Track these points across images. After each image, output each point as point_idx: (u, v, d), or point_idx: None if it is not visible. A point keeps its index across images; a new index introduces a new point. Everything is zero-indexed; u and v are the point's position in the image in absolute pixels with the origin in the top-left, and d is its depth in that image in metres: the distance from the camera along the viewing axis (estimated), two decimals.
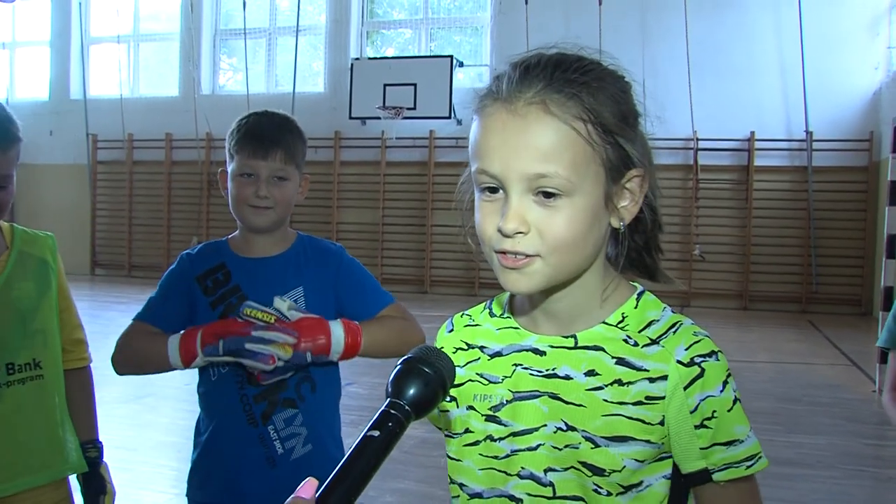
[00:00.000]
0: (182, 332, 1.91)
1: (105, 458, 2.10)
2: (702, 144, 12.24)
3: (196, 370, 2.00)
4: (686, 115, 11.97)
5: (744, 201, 12.32)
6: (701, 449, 1.07)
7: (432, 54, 13.76)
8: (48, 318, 1.94)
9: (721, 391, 1.07)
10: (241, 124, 2.06)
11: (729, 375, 1.08)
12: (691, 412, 1.06)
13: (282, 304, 1.88)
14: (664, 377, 1.07)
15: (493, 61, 13.35)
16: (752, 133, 12.09)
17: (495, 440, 1.14)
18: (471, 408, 1.17)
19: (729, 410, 1.07)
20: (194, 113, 14.09)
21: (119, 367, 2.01)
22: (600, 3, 12.12)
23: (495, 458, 1.13)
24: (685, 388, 1.06)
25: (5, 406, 1.82)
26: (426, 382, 0.89)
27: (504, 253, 1.05)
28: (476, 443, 1.16)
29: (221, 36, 15.34)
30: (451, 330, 1.27)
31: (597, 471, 1.07)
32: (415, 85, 12.89)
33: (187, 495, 2.10)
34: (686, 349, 1.08)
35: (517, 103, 1.03)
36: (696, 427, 1.06)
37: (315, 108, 13.68)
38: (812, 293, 12.05)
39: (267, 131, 2.03)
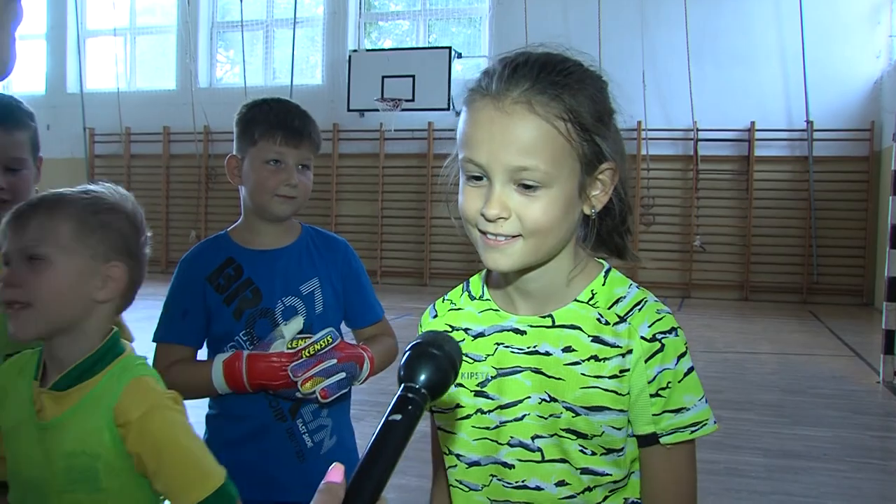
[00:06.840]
0: (220, 363, 1.87)
1: None
2: (702, 135, 12.18)
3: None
4: (686, 105, 11.91)
5: (744, 192, 12.26)
6: (653, 415, 1.19)
7: (430, 46, 13.69)
8: None
9: (676, 364, 1.19)
10: (265, 110, 2.02)
11: (686, 350, 1.21)
12: (649, 382, 1.18)
13: (291, 329, 1.85)
14: (631, 351, 1.19)
15: (491, 52, 13.26)
16: (753, 123, 12.02)
17: (485, 413, 1.25)
18: (459, 385, 1.27)
19: (680, 381, 1.19)
20: (192, 106, 14.02)
21: None
22: None
23: (487, 428, 1.25)
24: (646, 361, 1.18)
25: None
26: (437, 365, 0.91)
27: (487, 234, 1.16)
28: (468, 416, 1.27)
29: (218, 28, 15.28)
30: (436, 315, 1.36)
31: (580, 435, 1.19)
32: (413, 77, 12.82)
33: None
34: (650, 326, 1.20)
35: (505, 101, 1.13)
36: (652, 396, 1.19)
37: (313, 100, 13.53)
38: (813, 283, 11.99)
39: (297, 119, 2.01)
